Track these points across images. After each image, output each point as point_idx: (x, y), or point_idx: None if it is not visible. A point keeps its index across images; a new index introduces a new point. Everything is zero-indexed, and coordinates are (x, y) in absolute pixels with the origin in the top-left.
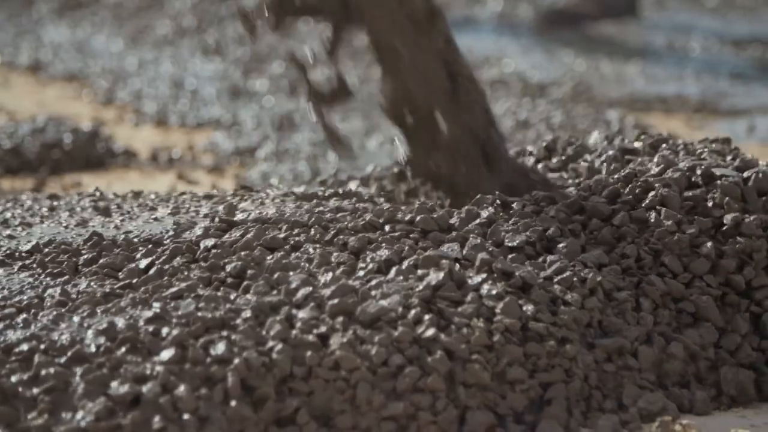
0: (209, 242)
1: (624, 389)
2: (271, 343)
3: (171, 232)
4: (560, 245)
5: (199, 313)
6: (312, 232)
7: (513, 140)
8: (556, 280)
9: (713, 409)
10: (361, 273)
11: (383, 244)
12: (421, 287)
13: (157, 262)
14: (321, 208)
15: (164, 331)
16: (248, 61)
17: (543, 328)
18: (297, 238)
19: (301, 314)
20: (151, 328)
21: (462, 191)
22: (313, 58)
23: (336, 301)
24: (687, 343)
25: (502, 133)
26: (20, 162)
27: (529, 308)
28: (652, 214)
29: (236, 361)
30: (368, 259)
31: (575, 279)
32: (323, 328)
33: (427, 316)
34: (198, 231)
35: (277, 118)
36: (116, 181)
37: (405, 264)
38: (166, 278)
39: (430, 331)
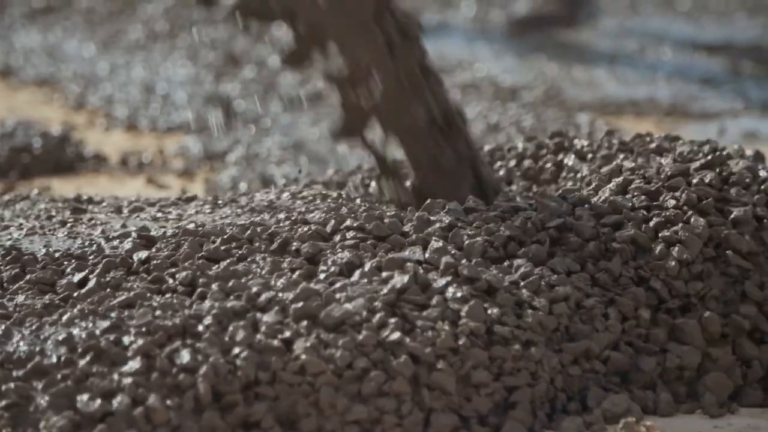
0: (142, 254)
1: (589, 391)
2: (236, 350)
3: (94, 247)
4: (525, 250)
5: (158, 322)
6: (256, 243)
7: (483, 144)
8: (522, 284)
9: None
10: (323, 276)
11: (339, 249)
12: (385, 290)
13: (91, 275)
14: (258, 219)
15: (126, 340)
16: (220, 65)
17: (508, 331)
18: (239, 250)
19: (266, 318)
20: (111, 338)
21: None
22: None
23: (300, 304)
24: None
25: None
26: None
27: (494, 311)
28: (661, 247)
29: (203, 368)
30: (329, 262)
31: (542, 283)
32: (287, 333)
33: (391, 320)
34: (127, 245)
35: (248, 121)
36: (86, 185)
37: (368, 266)
38: (108, 290)
39: (395, 335)
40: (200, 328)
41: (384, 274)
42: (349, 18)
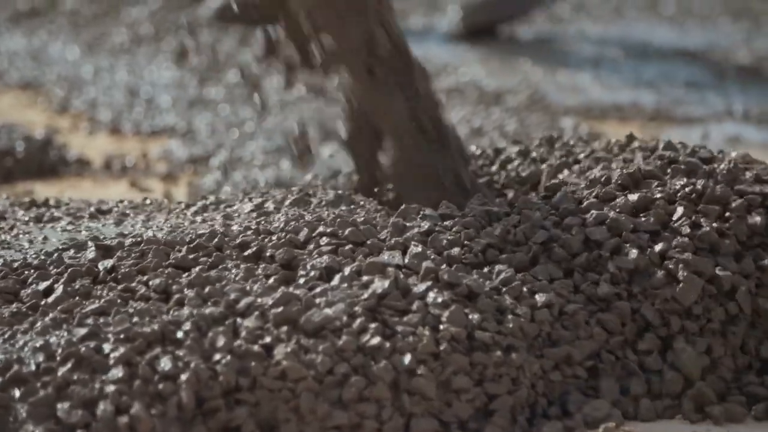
0: (107, 263)
1: (569, 396)
2: (217, 355)
3: (54, 256)
4: (507, 256)
5: (137, 329)
6: (226, 251)
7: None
8: (504, 290)
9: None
10: (302, 281)
11: (316, 255)
12: (366, 295)
13: (56, 285)
14: (224, 226)
15: (106, 347)
16: (205, 69)
17: (489, 337)
18: (208, 258)
19: (246, 323)
20: (92, 345)
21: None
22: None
23: (280, 309)
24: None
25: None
26: None
27: (475, 317)
28: (661, 275)
29: (185, 375)
30: (308, 267)
31: (524, 290)
32: (268, 338)
33: (372, 325)
34: (90, 254)
35: (232, 126)
36: (68, 189)
37: (347, 271)
38: (77, 298)
39: (375, 340)
40: (180, 334)
41: (364, 279)
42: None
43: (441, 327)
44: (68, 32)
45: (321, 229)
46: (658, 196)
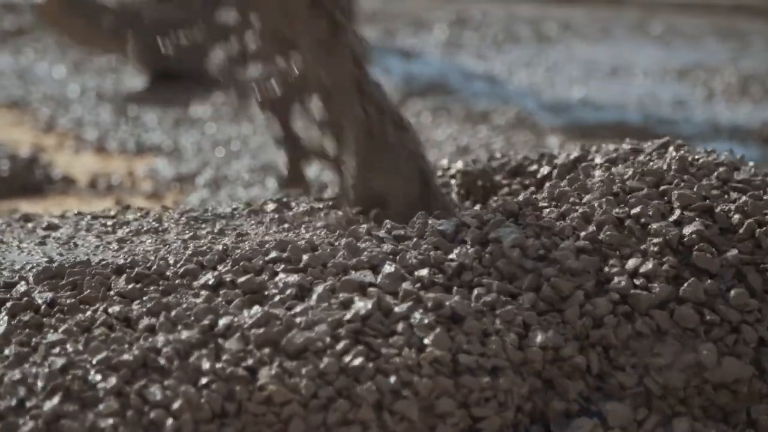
0: (47, 296)
1: (551, 413)
2: (204, 380)
3: None
4: (487, 282)
5: (117, 357)
6: (177, 280)
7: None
8: (489, 312)
9: None
10: (277, 299)
11: (283, 274)
12: (349, 316)
13: None
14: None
15: (93, 378)
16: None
17: (473, 361)
18: (155, 287)
19: (228, 345)
20: (77, 375)
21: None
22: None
23: (261, 330)
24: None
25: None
26: None
27: (460, 340)
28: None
29: (177, 403)
30: (280, 284)
31: (514, 317)
32: (250, 361)
33: (356, 347)
34: (21, 287)
35: (218, 145)
36: (53, 207)
37: (321, 289)
38: (28, 330)
39: (358, 360)
40: (162, 361)
41: (341, 297)
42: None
43: (426, 350)
44: (54, 51)
45: (274, 254)
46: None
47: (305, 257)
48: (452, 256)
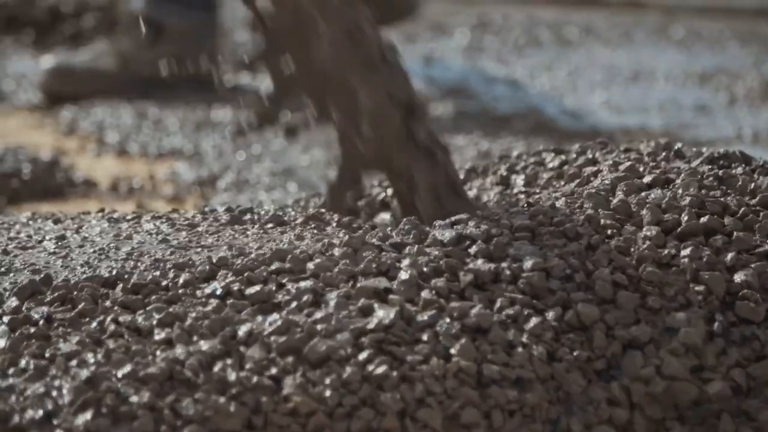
0: (42, 310)
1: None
2: (231, 391)
3: None
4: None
5: (143, 370)
6: (174, 290)
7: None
8: (516, 325)
9: None
10: (293, 305)
11: (288, 282)
12: (372, 325)
13: None
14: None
15: (124, 392)
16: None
17: (497, 372)
18: (156, 296)
19: (251, 353)
20: (108, 386)
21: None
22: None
23: (283, 338)
24: None
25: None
26: None
27: (486, 350)
28: None
29: (209, 415)
30: (293, 291)
31: (546, 334)
32: (274, 370)
33: (380, 356)
34: (12, 302)
35: (238, 149)
36: (74, 210)
37: (335, 295)
38: (34, 341)
39: (382, 369)
40: (188, 373)
41: (359, 304)
42: None
43: (452, 360)
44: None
45: (277, 265)
46: None
47: (310, 266)
48: (469, 267)
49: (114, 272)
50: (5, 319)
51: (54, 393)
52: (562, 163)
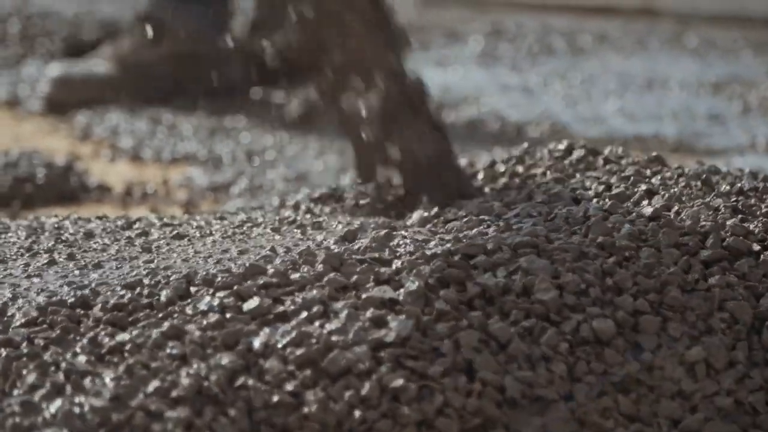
0: (21, 332)
1: None
2: (257, 407)
3: None
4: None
5: (173, 388)
6: (161, 308)
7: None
8: (531, 338)
9: None
10: (303, 315)
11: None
12: (390, 338)
13: None
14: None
15: (158, 408)
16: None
17: (519, 390)
18: (143, 313)
19: (269, 365)
20: (137, 404)
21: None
22: None
23: (301, 351)
24: None
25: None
26: None
27: (504, 361)
28: None
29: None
30: (298, 301)
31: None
32: (293, 383)
33: (398, 370)
34: (20, 318)
35: (252, 154)
36: (88, 215)
37: (343, 305)
38: (28, 361)
39: (399, 382)
40: (215, 389)
41: (369, 314)
42: None
43: (477, 375)
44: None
45: (264, 280)
46: None
47: (295, 276)
48: (478, 280)
49: (79, 294)
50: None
51: (76, 410)
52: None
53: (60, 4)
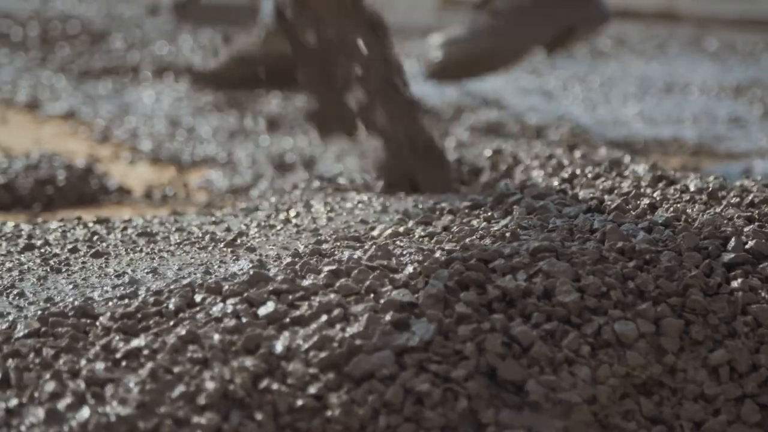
0: (27, 343)
1: None
2: (281, 411)
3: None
4: (537, 305)
5: (198, 393)
6: (171, 316)
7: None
8: (554, 340)
9: None
10: (323, 318)
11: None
12: (414, 342)
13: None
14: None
15: (187, 415)
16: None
17: (543, 394)
18: (154, 321)
19: (292, 369)
20: (164, 411)
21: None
22: None
23: (324, 354)
24: None
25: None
26: (13, 198)
27: (530, 367)
28: None
29: None
30: (314, 305)
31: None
32: (316, 386)
33: (422, 374)
34: (21, 330)
35: (272, 158)
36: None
37: (363, 308)
38: (51, 378)
39: (424, 386)
40: (241, 392)
41: (389, 318)
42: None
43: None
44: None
45: (274, 286)
46: None
47: (305, 283)
48: (498, 282)
49: (81, 301)
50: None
51: (103, 420)
52: (596, 176)
53: (80, 7)
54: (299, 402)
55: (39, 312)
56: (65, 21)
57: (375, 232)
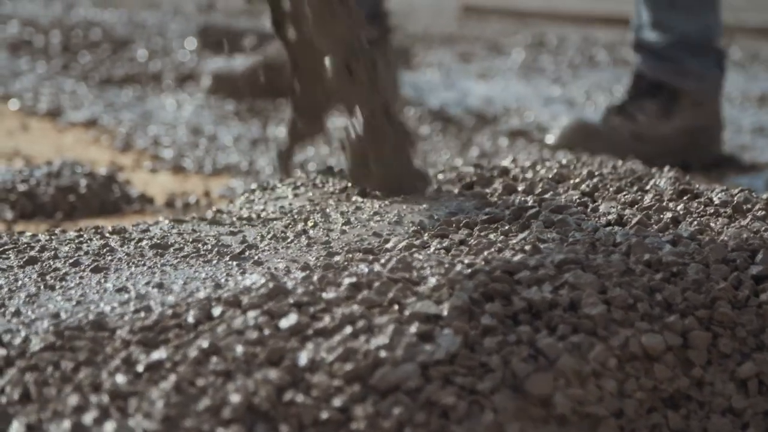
0: (46, 356)
1: None
2: (306, 421)
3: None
4: (563, 317)
5: (224, 406)
6: (191, 329)
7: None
8: (579, 352)
9: None
10: (348, 330)
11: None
12: (440, 355)
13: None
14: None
15: (212, 428)
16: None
17: (569, 408)
18: (173, 333)
19: (316, 381)
20: (190, 424)
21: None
22: None
23: (350, 366)
24: None
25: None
26: (35, 206)
27: (557, 380)
28: None
29: None
30: (336, 317)
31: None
32: (341, 399)
33: (448, 388)
34: (35, 344)
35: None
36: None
37: (387, 320)
38: (74, 381)
39: (450, 399)
40: (266, 405)
41: (413, 329)
42: None
43: (525, 390)
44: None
45: (293, 299)
46: None
47: (327, 296)
48: (524, 294)
49: (92, 317)
50: (20, 364)
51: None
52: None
53: (102, 15)
54: (324, 414)
55: (52, 327)
56: (87, 29)
57: (389, 245)
